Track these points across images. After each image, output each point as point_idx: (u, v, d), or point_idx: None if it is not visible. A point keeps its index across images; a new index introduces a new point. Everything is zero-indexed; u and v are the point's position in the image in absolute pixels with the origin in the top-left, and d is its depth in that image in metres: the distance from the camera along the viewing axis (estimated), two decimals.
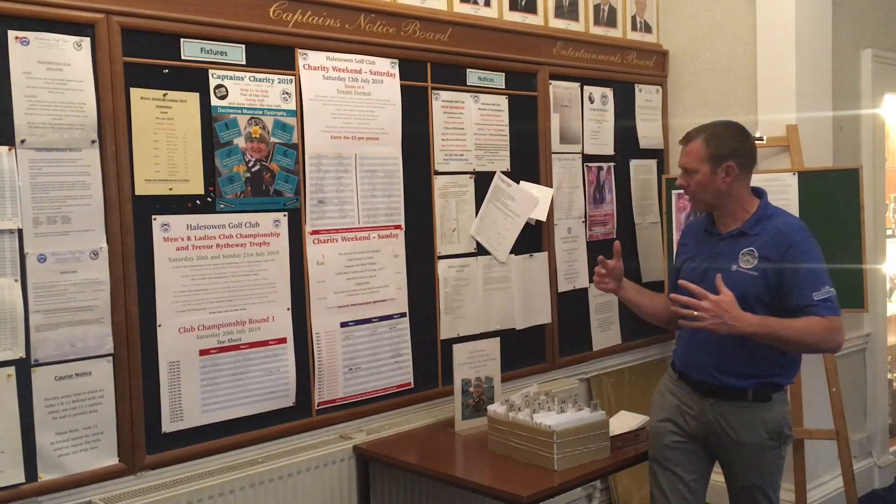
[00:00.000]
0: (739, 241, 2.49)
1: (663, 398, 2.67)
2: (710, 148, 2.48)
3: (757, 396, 2.46)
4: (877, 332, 4.30)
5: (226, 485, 2.52)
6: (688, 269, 2.59)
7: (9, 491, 2.22)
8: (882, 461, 4.31)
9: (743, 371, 2.46)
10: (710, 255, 2.54)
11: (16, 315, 2.23)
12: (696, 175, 2.48)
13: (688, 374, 2.58)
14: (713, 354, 2.48)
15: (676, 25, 4.12)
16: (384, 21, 3.01)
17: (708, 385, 2.51)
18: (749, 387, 2.46)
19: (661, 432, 2.62)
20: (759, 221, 2.49)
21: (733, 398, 2.48)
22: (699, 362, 2.53)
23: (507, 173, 3.46)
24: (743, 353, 2.44)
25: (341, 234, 2.92)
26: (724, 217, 2.55)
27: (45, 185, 2.27)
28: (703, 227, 2.64)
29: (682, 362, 2.61)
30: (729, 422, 2.48)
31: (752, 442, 2.46)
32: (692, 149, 2.50)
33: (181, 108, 2.53)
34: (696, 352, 2.54)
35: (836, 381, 3.52)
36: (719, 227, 2.57)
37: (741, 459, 2.49)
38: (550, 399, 2.79)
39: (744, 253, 2.46)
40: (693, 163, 2.49)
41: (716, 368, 2.49)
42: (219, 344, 2.62)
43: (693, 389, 2.56)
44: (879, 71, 4.23)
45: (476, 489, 2.57)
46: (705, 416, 2.52)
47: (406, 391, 3.12)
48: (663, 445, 2.61)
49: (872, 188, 4.11)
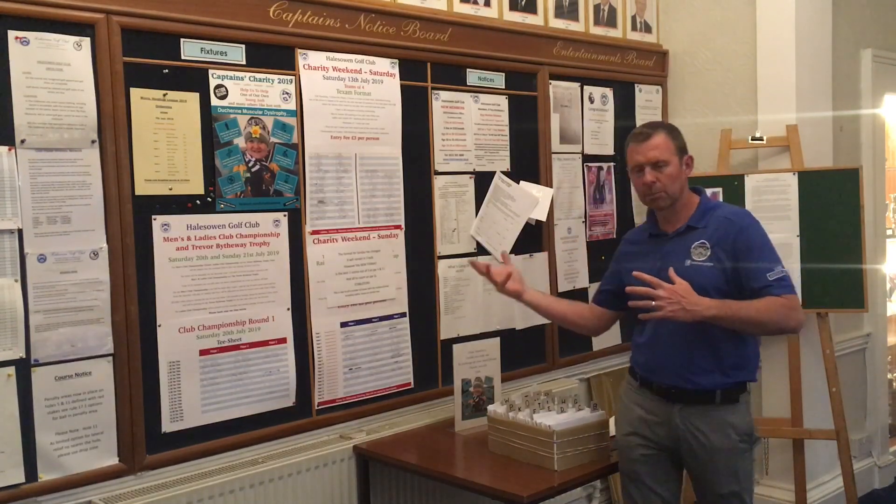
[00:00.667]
0: (688, 236, 2.48)
1: (627, 410, 2.60)
2: (676, 140, 2.49)
3: (725, 398, 2.43)
4: (877, 332, 4.30)
5: (226, 485, 2.52)
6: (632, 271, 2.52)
7: (9, 491, 2.22)
8: (882, 461, 4.31)
9: (709, 367, 2.42)
10: (660, 255, 2.50)
11: (16, 315, 2.23)
12: (668, 167, 2.45)
13: (653, 380, 2.51)
14: (679, 355, 2.44)
15: (676, 25, 4.12)
16: (384, 21, 3.01)
17: (676, 390, 2.45)
18: (717, 387, 2.42)
19: (629, 446, 2.56)
20: (704, 214, 2.49)
21: (701, 402, 2.44)
22: (666, 365, 2.47)
23: (507, 173, 3.46)
24: (706, 349, 2.42)
25: (341, 234, 2.92)
26: (670, 216, 2.53)
27: (45, 185, 2.27)
28: (646, 233, 2.63)
29: (646, 368, 2.54)
30: (699, 427, 2.43)
31: (725, 447, 2.42)
32: (658, 142, 2.46)
33: (181, 108, 2.53)
34: (661, 355, 2.48)
35: (836, 381, 3.52)
36: (664, 227, 2.55)
37: (715, 466, 2.43)
38: (550, 399, 2.79)
39: (695, 246, 2.45)
40: (664, 154, 2.45)
41: (685, 368, 2.44)
42: (219, 344, 2.62)
43: (658, 396, 2.50)
44: (879, 71, 4.23)
45: (476, 489, 2.57)
46: (673, 422, 2.47)
47: (406, 391, 3.12)
48: (632, 460, 2.55)
49: (872, 188, 4.11)
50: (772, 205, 3.56)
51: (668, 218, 2.54)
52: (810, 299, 3.50)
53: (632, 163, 2.51)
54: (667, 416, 2.48)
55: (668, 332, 2.45)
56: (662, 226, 2.57)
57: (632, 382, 2.62)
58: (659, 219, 2.58)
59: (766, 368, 3.78)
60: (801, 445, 3.58)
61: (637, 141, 2.50)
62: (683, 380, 2.45)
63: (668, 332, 2.45)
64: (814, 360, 3.64)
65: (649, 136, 2.48)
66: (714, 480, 2.45)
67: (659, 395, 2.50)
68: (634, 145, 2.50)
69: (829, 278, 3.47)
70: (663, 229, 2.56)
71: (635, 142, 2.50)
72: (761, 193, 3.58)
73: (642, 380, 2.56)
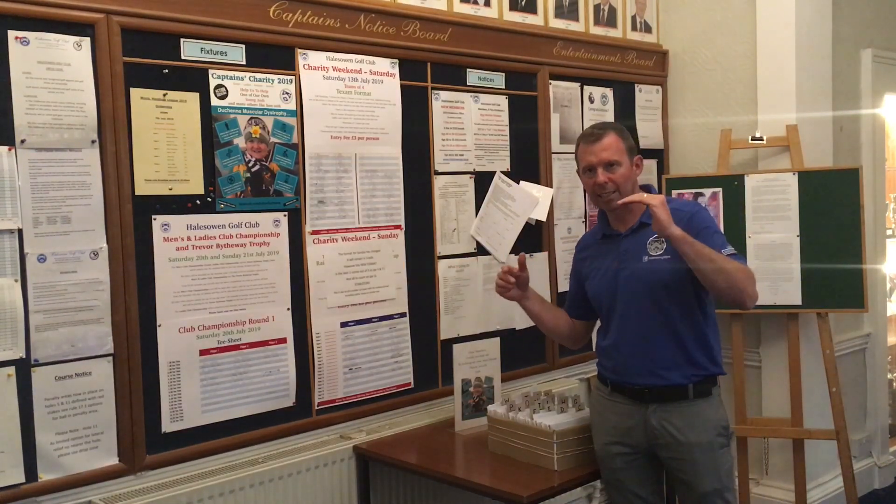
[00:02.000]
0: (642, 233, 2.48)
1: (602, 419, 2.58)
2: (626, 141, 2.50)
3: (698, 393, 2.43)
4: (877, 332, 4.30)
5: (226, 485, 2.52)
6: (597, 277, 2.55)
7: (9, 491, 2.22)
8: (882, 461, 4.31)
9: (676, 360, 2.42)
10: (616, 255, 2.50)
11: (16, 315, 2.23)
12: (621, 167, 2.45)
13: (624, 383, 2.49)
14: (645, 351, 2.44)
15: (676, 25, 4.12)
16: (384, 21, 3.01)
17: (649, 389, 2.44)
18: (688, 382, 2.42)
19: (608, 455, 2.54)
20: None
21: (675, 398, 2.43)
22: (634, 364, 2.46)
23: (507, 173, 3.46)
24: (670, 342, 2.42)
25: (341, 234, 2.92)
26: (622, 215, 2.52)
27: (45, 185, 2.27)
28: (598, 235, 2.63)
29: (616, 371, 2.52)
30: (675, 424, 2.42)
31: (703, 441, 2.42)
32: (610, 143, 2.45)
33: (181, 108, 2.53)
34: (627, 354, 2.47)
35: (836, 381, 3.52)
36: (617, 227, 2.55)
37: (694, 464, 2.42)
38: (550, 399, 2.79)
39: (651, 241, 2.45)
40: (616, 155, 2.44)
41: (653, 364, 2.43)
42: (219, 344, 2.62)
43: (631, 399, 2.49)
44: (879, 71, 4.23)
45: (476, 489, 2.57)
46: (648, 423, 2.45)
47: (406, 391, 3.12)
48: (613, 469, 2.54)
49: (872, 188, 4.11)
50: (772, 205, 3.56)
51: (621, 217, 2.53)
52: (810, 299, 3.50)
53: (583, 163, 2.51)
54: (642, 418, 2.47)
55: (632, 331, 2.45)
56: (615, 225, 2.56)
57: (602, 389, 2.60)
58: (611, 219, 2.58)
59: (766, 368, 3.78)
60: (801, 445, 3.57)
61: (588, 142, 2.49)
62: (655, 376, 2.44)
63: (631, 332, 2.45)
64: (814, 360, 3.64)
65: (600, 136, 2.47)
66: (695, 479, 2.43)
67: (632, 398, 2.49)
68: (585, 146, 2.50)
69: (829, 278, 3.47)
70: (616, 229, 2.55)
71: (586, 142, 2.50)
72: (761, 193, 3.58)
73: (613, 384, 2.54)
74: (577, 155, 2.56)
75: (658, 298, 2.43)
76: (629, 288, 2.46)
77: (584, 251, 2.69)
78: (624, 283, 2.47)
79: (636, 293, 2.45)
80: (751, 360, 3.79)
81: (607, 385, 2.57)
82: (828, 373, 3.53)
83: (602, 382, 2.61)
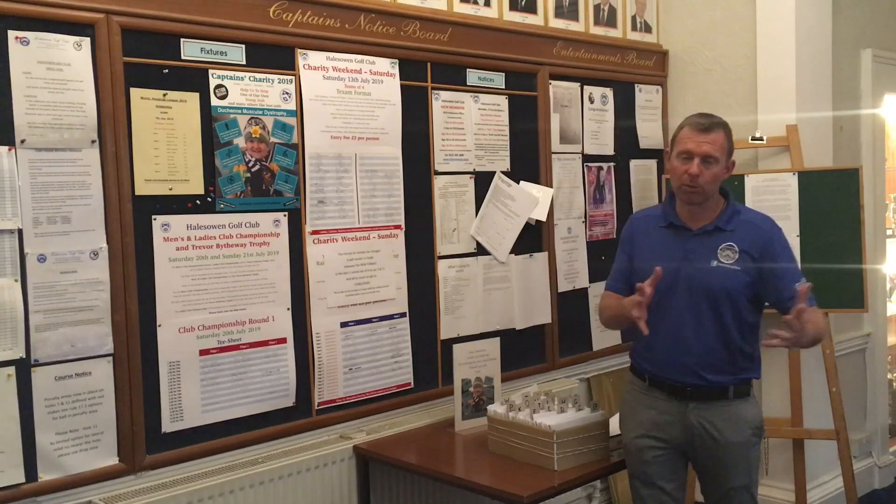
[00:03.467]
0: (715, 237, 2.44)
1: (635, 413, 2.57)
2: (729, 142, 2.45)
3: (737, 393, 2.45)
4: (877, 332, 4.30)
5: (226, 485, 2.52)
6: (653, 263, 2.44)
7: (9, 491, 2.22)
8: (882, 461, 4.31)
9: (724, 367, 2.44)
10: (682, 251, 2.46)
11: (16, 315, 2.23)
12: (716, 166, 2.39)
13: (664, 379, 2.49)
14: (696, 353, 2.44)
15: (676, 25, 4.12)
16: (384, 21, 3.01)
17: (691, 387, 2.45)
18: (729, 383, 2.44)
19: (640, 448, 2.54)
20: (731, 217, 2.47)
21: (715, 398, 2.44)
22: (683, 362, 2.45)
23: (507, 173, 3.46)
24: (723, 349, 2.43)
25: (341, 234, 2.92)
26: (696, 212, 2.47)
27: (45, 185, 2.27)
28: (659, 222, 2.54)
29: (659, 366, 2.51)
30: (713, 423, 2.44)
31: (740, 440, 2.44)
32: (717, 138, 2.39)
33: (181, 108, 2.53)
34: (676, 353, 2.46)
35: (836, 381, 3.52)
36: (688, 222, 2.48)
37: (728, 461, 2.45)
38: (550, 399, 2.79)
39: (723, 248, 2.43)
40: (717, 152, 2.39)
41: (700, 366, 2.44)
42: (219, 344, 2.62)
43: (670, 395, 2.49)
44: (879, 71, 4.23)
45: (476, 489, 2.57)
46: (687, 421, 2.46)
47: (406, 391, 3.12)
48: (643, 462, 2.54)
49: (872, 188, 4.11)
50: (772, 205, 3.55)
51: (694, 213, 2.48)
52: None
53: (681, 147, 2.42)
54: (680, 415, 2.48)
55: (683, 330, 2.44)
56: (685, 219, 2.49)
57: (637, 383, 2.59)
58: (681, 211, 2.51)
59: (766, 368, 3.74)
60: (801, 445, 3.57)
61: (696, 129, 2.41)
62: (697, 377, 2.45)
63: (682, 330, 2.44)
64: (814, 360, 3.64)
65: (710, 129, 2.40)
66: (726, 474, 2.47)
67: (671, 394, 2.49)
68: (691, 132, 2.41)
69: (829, 278, 3.46)
70: (686, 223, 2.49)
71: (693, 129, 2.41)
72: (761, 193, 3.58)
73: (651, 379, 2.53)
74: (676, 136, 2.47)
75: (717, 304, 2.41)
76: (690, 288, 2.42)
77: (642, 236, 2.58)
78: (685, 281, 2.43)
79: (696, 295, 2.43)
80: None
81: (644, 379, 2.55)
82: (828, 373, 3.53)
83: (638, 376, 2.59)
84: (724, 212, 2.48)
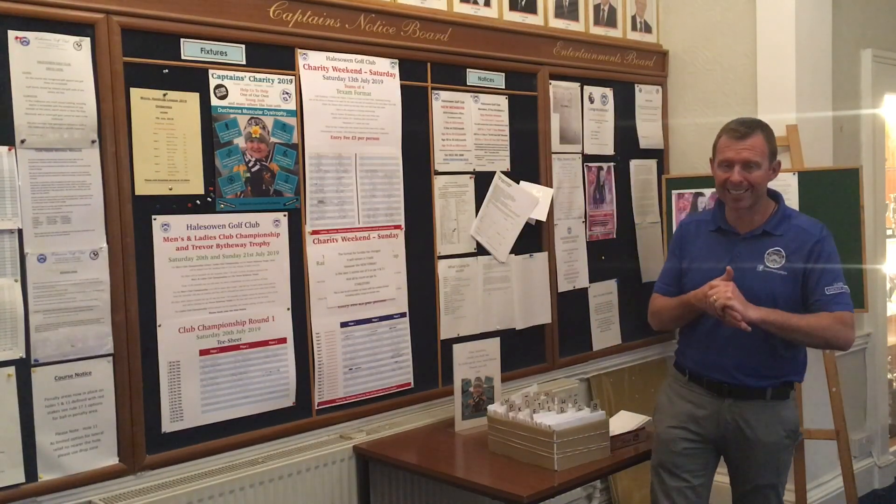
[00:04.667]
0: (763, 241, 2.46)
1: (673, 404, 2.61)
2: (770, 144, 2.45)
3: (775, 395, 2.47)
4: (877, 332, 4.30)
5: (226, 485, 2.52)
6: (703, 271, 2.51)
7: (9, 491, 2.22)
8: (882, 461, 4.31)
9: (762, 371, 2.46)
10: (730, 255, 2.48)
11: (16, 315, 2.23)
12: (759, 170, 2.40)
13: (703, 376, 2.53)
14: (735, 355, 2.46)
15: (676, 25, 4.12)
16: (384, 21, 3.01)
17: (727, 385, 2.48)
18: (768, 386, 2.46)
19: (671, 439, 2.57)
20: (781, 222, 2.47)
21: (752, 397, 2.47)
22: (720, 363, 2.49)
23: (507, 173, 3.45)
24: (764, 353, 2.44)
25: (341, 234, 2.92)
26: (746, 216, 2.49)
27: (45, 185, 2.27)
28: (708, 226, 2.58)
29: (699, 364, 2.55)
30: (748, 421, 2.46)
31: (771, 441, 2.46)
32: (756, 143, 2.40)
33: (181, 108, 2.53)
34: (717, 352, 2.49)
35: (836, 381, 3.52)
36: (737, 226, 2.51)
37: (757, 459, 2.47)
38: (550, 399, 2.79)
39: (770, 252, 2.44)
40: (758, 156, 2.40)
41: (737, 369, 2.46)
42: (219, 344, 2.62)
43: (708, 391, 2.53)
44: (879, 71, 4.23)
45: (476, 489, 2.57)
46: (721, 416, 2.50)
47: (406, 391, 3.12)
48: (673, 452, 2.56)
49: (872, 188, 4.11)
50: None
51: (743, 218, 2.50)
52: None
53: (721, 157, 2.45)
54: (716, 410, 2.51)
55: (729, 333, 2.44)
56: (733, 223, 2.52)
57: (678, 377, 2.63)
58: (729, 215, 2.53)
59: None
60: (802, 445, 3.57)
61: (733, 137, 2.43)
62: (735, 379, 2.47)
63: (728, 333, 2.44)
64: (814, 360, 3.62)
65: (747, 135, 2.42)
66: (755, 472, 2.49)
67: (709, 389, 2.52)
68: (729, 140, 2.44)
69: None
70: (734, 227, 2.52)
71: (730, 137, 2.44)
72: None
73: (692, 374, 2.57)
74: (716, 145, 2.50)
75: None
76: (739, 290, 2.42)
77: (692, 239, 2.61)
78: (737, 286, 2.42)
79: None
80: None
81: (685, 374, 2.59)
82: (828, 373, 3.53)
83: (679, 371, 2.63)
84: (773, 216, 2.49)
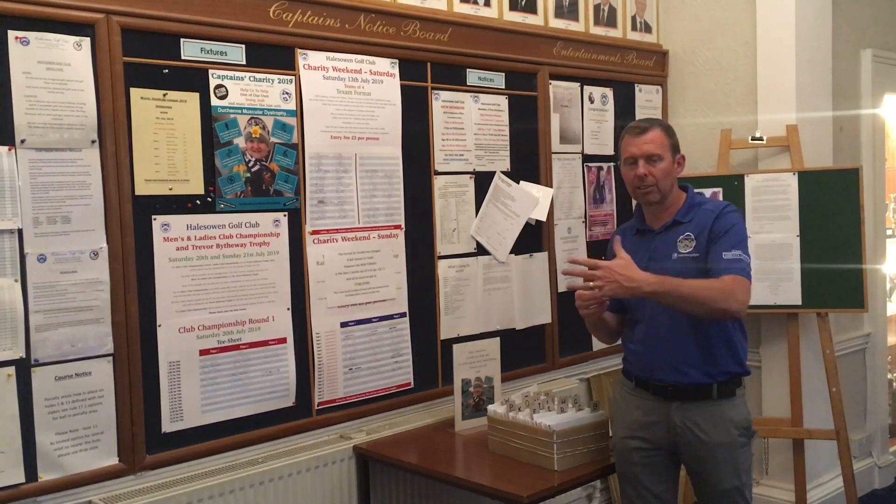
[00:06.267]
0: (675, 230, 2.51)
1: (623, 412, 2.60)
2: (670, 138, 2.53)
3: (721, 393, 2.45)
4: (877, 332, 4.30)
5: (226, 485, 2.52)
6: None
7: (9, 491, 2.22)
8: (882, 461, 4.31)
9: (700, 359, 2.44)
10: (648, 251, 2.53)
11: (16, 315, 2.23)
12: (662, 162, 2.48)
13: (649, 378, 2.51)
14: (671, 350, 2.46)
15: (676, 25, 4.12)
16: (384, 21, 3.01)
17: (673, 386, 2.46)
18: (712, 381, 2.44)
19: (627, 449, 2.56)
20: (690, 209, 2.52)
21: (698, 398, 2.45)
22: (661, 361, 2.48)
23: (507, 173, 3.46)
24: (699, 341, 2.43)
25: (341, 234, 2.92)
26: (657, 212, 2.55)
27: (45, 185, 2.27)
28: (633, 229, 2.64)
29: (641, 367, 2.54)
30: (698, 423, 2.44)
31: (724, 441, 2.43)
32: (656, 137, 2.49)
33: (181, 108, 2.53)
34: (654, 352, 2.49)
35: (836, 381, 3.52)
36: (651, 223, 2.58)
37: (715, 462, 2.44)
38: (550, 399, 2.79)
39: (681, 239, 2.49)
40: (658, 149, 2.48)
41: (678, 362, 2.45)
42: (219, 344, 2.62)
43: (655, 395, 2.50)
44: (879, 71, 4.23)
45: (476, 489, 2.57)
46: (671, 421, 2.47)
47: (406, 391, 3.12)
48: (630, 462, 2.55)
49: (872, 188, 4.11)
50: (772, 205, 3.56)
51: (656, 214, 2.57)
52: (810, 299, 3.50)
53: (626, 154, 2.54)
54: (664, 415, 2.49)
55: (659, 328, 2.47)
56: (650, 221, 2.59)
57: (626, 384, 2.63)
58: (646, 214, 2.60)
59: (767, 368, 3.78)
60: (801, 445, 3.57)
61: (633, 134, 2.53)
62: (678, 373, 2.46)
63: (658, 328, 2.47)
64: (814, 360, 3.64)
65: (646, 129, 2.51)
66: (715, 477, 2.46)
67: (656, 394, 2.51)
68: (630, 138, 2.53)
69: (829, 278, 3.47)
70: (650, 225, 2.58)
71: (631, 134, 2.53)
72: (761, 193, 3.58)
73: (638, 380, 2.57)
74: (620, 146, 2.59)
75: None
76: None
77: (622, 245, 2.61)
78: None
79: None
80: (751, 359, 3.74)
81: (632, 380, 2.59)
82: (828, 373, 3.53)
83: (626, 377, 2.63)
84: (682, 206, 2.54)
